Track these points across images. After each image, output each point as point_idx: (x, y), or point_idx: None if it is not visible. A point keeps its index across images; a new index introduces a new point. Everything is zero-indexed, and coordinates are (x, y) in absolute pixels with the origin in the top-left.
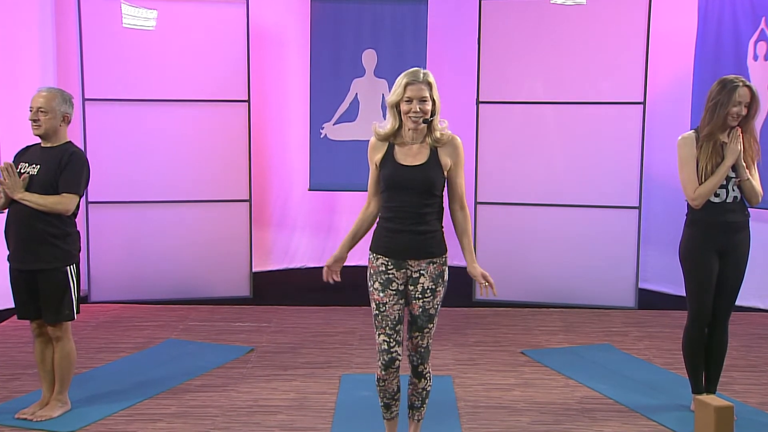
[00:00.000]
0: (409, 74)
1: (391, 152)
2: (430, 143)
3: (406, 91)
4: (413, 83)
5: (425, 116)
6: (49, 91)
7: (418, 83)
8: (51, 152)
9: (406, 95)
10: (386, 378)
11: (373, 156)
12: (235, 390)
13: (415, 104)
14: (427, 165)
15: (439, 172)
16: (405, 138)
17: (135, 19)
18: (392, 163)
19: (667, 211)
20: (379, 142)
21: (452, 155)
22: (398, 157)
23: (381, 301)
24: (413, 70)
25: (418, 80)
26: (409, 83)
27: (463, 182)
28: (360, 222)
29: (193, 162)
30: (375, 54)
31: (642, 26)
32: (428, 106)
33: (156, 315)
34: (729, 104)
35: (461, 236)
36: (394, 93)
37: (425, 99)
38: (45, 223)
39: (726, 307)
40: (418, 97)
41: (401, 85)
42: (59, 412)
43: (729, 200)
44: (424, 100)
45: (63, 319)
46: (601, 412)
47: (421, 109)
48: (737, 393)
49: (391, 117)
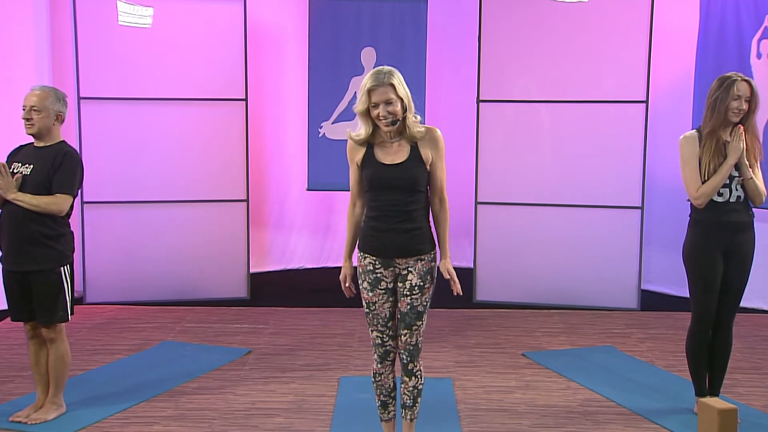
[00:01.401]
0: (371, 78)
1: (371, 152)
2: (408, 140)
3: (371, 97)
4: (375, 88)
5: (395, 117)
6: (42, 90)
7: (380, 87)
8: (44, 152)
9: (372, 101)
10: (382, 371)
11: (353, 156)
12: (233, 392)
13: (381, 108)
14: (408, 162)
15: (422, 167)
16: (383, 137)
17: (131, 17)
18: (373, 162)
19: (670, 211)
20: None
21: (432, 148)
22: (379, 157)
23: (370, 300)
24: (375, 72)
25: (380, 84)
26: (371, 89)
27: (444, 174)
28: (352, 227)
29: (189, 161)
30: (374, 52)
31: (644, 24)
32: (396, 107)
33: (152, 316)
34: (728, 98)
35: (438, 228)
36: (360, 101)
37: (391, 101)
38: (38, 224)
39: (730, 308)
40: (384, 101)
41: (364, 93)
42: (54, 415)
43: (732, 200)
44: (390, 102)
45: (57, 320)
46: (603, 415)
47: (389, 111)
48: (741, 396)
49: (363, 123)
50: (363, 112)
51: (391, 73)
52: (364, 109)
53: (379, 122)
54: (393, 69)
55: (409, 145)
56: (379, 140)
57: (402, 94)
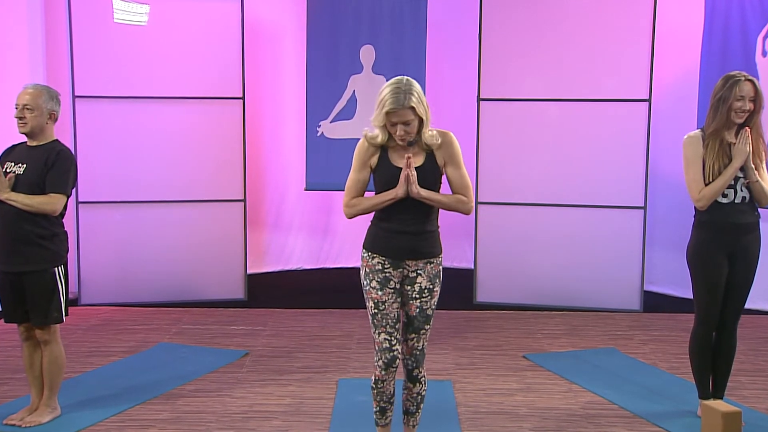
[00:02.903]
0: (390, 96)
1: (386, 155)
2: (424, 148)
3: (389, 118)
4: (394, 111)
5: (412, 137)
6: (35, 88)
7: (399, 110)
8: (37, 151)
9: (390, 121)
10: (385, 378)
11: (366, 158)
12: (230, 395)
13: (399, 128)
14: (423, 167)
15: (437, 171)
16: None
17: (126, 14)
18: (389, 165)
19: (673, 211)
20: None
21: (446, 152)
22: (394, 160)
23: (380, 299)
24: (394, 89)
25: (399, 106)
26: (389, 112)
27: (464, 175)
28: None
29: (186, 161)
30: (373, 50)
31: (648, 21)
32: (414, 127)
33: (148, 318)
34: (731, 98)
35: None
36: (377, 118)
37: (409, 123)
38: (32, 224)
39: (735, 310)
40: (402, 122)
41: (382, 113)
42: (48, 418)
43: (738, 201)
44: (408, 124)
45: (51, 321)
46: (606, 418)
47: (406, 131)
48: (745, 398)
49: (380, 132)
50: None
51: (411, 91)
52: (380, 124)
53: (395, 137)
54: (412, 83)
55: (425, 153)
56: (393, 143)
57: (421, 112)
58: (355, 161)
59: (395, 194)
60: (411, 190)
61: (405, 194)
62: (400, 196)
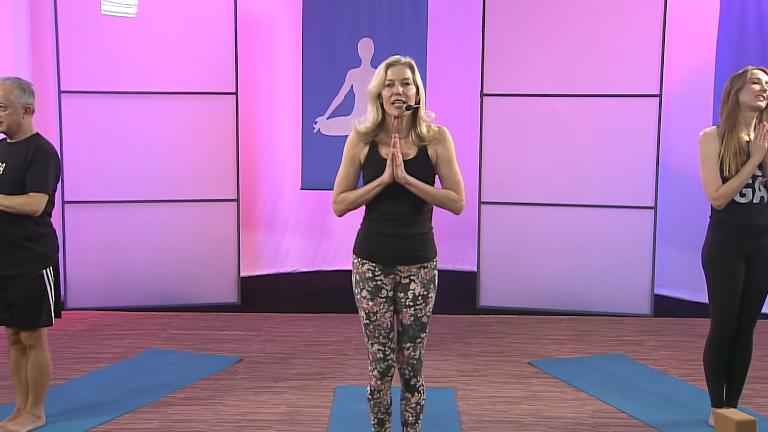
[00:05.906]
0: (389, 60)
1: (375, 150)
2: (415, 141)
3: (387, 74)
4: (394, 65)
5: (409, 101)
6: (4, 83)
7: (399, 65)
8: (16, 148)
9: (388, 78)
10: (381, 388)
11: (355, 152)
12: (222, 403)
13: (397, 86)
14: (415, 162)
15: (428, 166)
16: (390, 132)
17: (114, 6)
18: (378, 161)
19: (685, 211)
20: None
21: (439, 146)
22: (384, 154)
23: (371, 310)
24: (393, 57)
25: (399, 62)
26: (390, 65)
27: (457, 171)
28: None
29: (177, 159)
30: (372, 43)
31: (658, 12)
32: (411, 91)
33: (137, 323)
34: (744, 84)
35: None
36: (375, 79)
37: (407, 81)
38: (15, 225)
39: (752, 315)
40: (400, 79)
41: (382, 68)
42: (31, 427)
43: (756, 201)
44: (407, 83)
45: (41, 324)
46: (614, 427)
47: (404, 92)
48: (760, 407)
49: (373, 109)
50: (375, 94)
51: (410, 60)
52: (377, 90)
53: (391, 105)
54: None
55: (417, 146)
56: (384, 138)
57: (418, 81)
58: (345, 156)
59: (381, 180)
60: (396, 174)
61: (391, 178)
62: (386, 181)
